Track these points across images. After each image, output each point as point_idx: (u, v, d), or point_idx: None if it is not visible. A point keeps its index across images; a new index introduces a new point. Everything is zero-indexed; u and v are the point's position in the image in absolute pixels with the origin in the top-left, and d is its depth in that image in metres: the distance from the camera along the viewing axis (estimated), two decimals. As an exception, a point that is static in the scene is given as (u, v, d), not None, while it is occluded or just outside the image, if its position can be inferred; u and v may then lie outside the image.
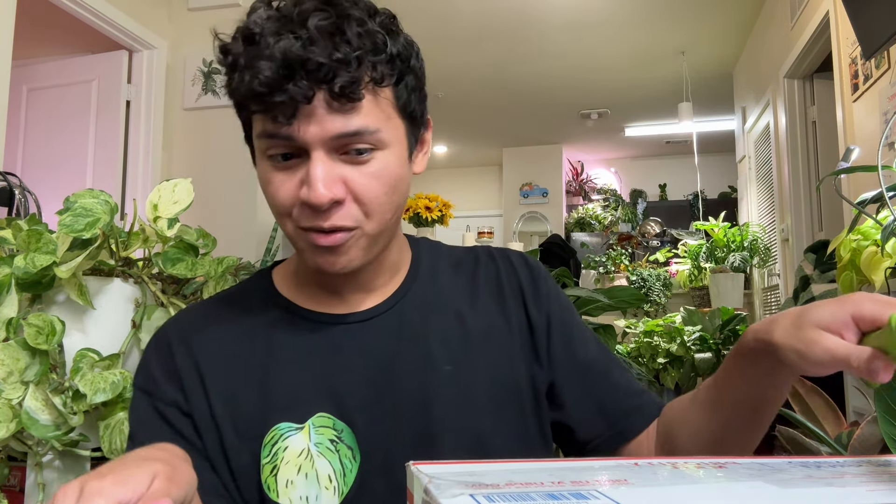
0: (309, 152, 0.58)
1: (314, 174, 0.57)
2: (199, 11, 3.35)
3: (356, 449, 0.63)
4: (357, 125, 0.57)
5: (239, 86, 0.57)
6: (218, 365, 0.65)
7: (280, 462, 0.62)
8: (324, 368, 0.65)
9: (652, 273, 5.01)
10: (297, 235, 0.62)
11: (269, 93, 0.55)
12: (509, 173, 7.51)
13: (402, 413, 0.64)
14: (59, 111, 3.25)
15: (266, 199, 0.62)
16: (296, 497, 0.61)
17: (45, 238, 0.87)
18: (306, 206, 0.58)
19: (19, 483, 0.93)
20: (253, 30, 0.57)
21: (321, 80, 0.54)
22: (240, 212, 3.18)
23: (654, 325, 3.15)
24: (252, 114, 0.60)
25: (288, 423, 0.63)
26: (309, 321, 0.68)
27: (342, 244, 0.60)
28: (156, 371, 0.66)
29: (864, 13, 2.14)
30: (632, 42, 4.62)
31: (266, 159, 0.61)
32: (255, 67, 0.55)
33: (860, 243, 1.46)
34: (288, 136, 0.57)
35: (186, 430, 0.64)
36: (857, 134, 2.63)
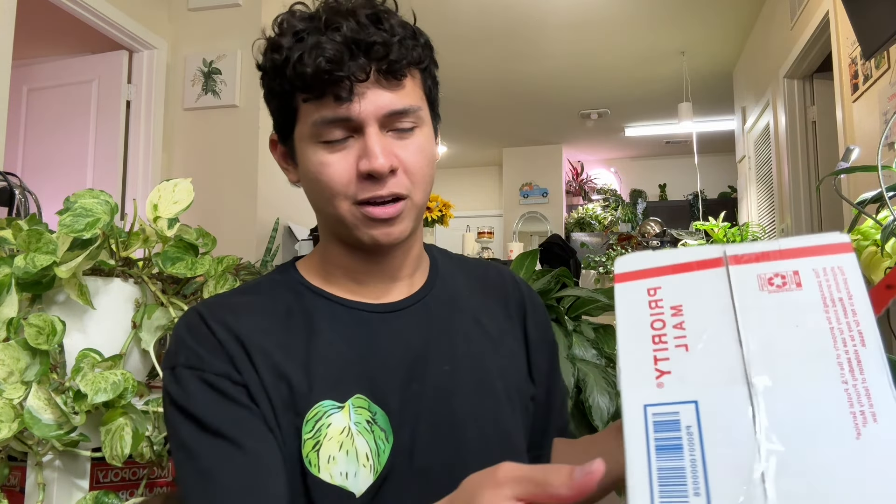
0: (363, 129, 0.64)
1: (373, 146, 0.64)
2: (199, 11, 3.35)
3: (389, 431, 0.66)
4: (405, 103, 0.66)
5: (300, 70, 0.62)
6: (261, 342, 0.66)
7: (323, 438, 0.64)
8: (361, 353, 0.68)
9: (652, 273, 5.00)
10: (353, 213, 0.66)
11: (333, 70, 0.61)
12: (509, 173, 7.50)
13: (430, 400, 0.68)
14: (59, 111, 3.25)
15: (318, 185, 0.66)
16: (336, 473, 0.63)
17: (46, 238, 0.87)
18: (366, 179, 0.65)
19: (19, 483, 0.93)
20: (300, 25, 0.64)
21: (375, 57, 0.63)
22: (240, 212, 3.18)
23: (654, 325, 3.15)
24: (307, 101, 0.64)
25: (331, 401, 0.65)
26: (346, 307, 0.71)
27: (397, 215, 0.67)
28: (198, 347, 0.65)
29: (863, 13, 2.14)
30: (632, 42, 4.62)
31: (318, 145, 0.66)
32: (320, 48, 0.61)
33: (860, 243, 1.46)
34: (346, 116, 0.63)
35: (241, 397, 0.63)
36: (857, 134, 2.63)
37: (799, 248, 0.37)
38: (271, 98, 0.68)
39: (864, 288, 0.34)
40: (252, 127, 3.23)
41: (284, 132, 0.70)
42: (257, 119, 3.23)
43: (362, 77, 0.63)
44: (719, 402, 0.32)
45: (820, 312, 0.34)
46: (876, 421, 0.30)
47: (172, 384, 0.64)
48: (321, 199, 0.68)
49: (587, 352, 1.68)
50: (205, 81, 3.28)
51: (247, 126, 3.24)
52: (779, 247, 0.37)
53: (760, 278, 0.36)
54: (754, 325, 0.34)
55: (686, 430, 0.31)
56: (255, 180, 3.21)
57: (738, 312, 0.35)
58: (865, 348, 0.32)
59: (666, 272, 0.38)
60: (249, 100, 3.25)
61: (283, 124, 0.69)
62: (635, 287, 0.38)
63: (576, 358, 1.64)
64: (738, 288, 0.36)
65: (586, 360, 1.65)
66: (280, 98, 0.67)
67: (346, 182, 0.65)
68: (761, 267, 0.36)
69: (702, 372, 0.33)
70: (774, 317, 0.34)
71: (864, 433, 0.29)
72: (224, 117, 3.27)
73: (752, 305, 0.35)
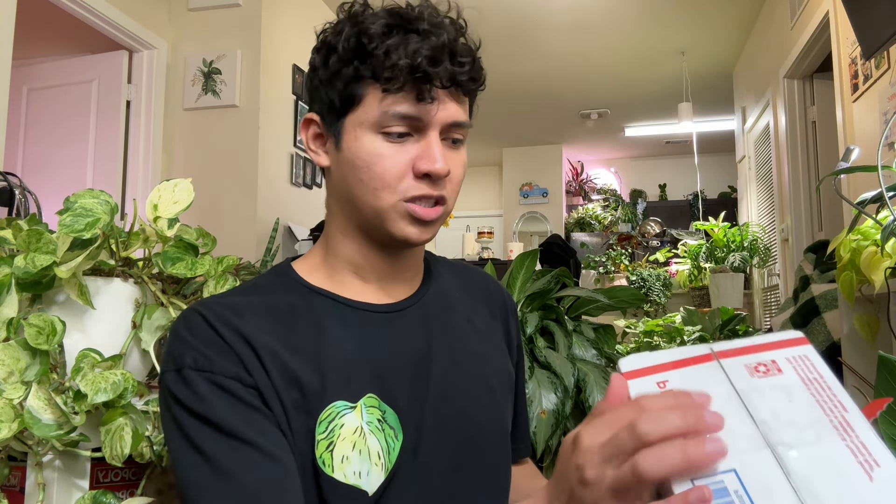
0: (426, 131, 0.68)
1: (436, 150, 0.67)
2: (199, 11, 3.35)
3: (398, 429, 0.67)
4: (464, 117, 0.70)
5: (394, 61, 0.64)
6: (268, 343, 0.65)
7: (336, 438, 0.64)
8: (370, 353, 0.69)
9: (652, 273, 5.01)
10: (397, 208, 0.68)
11: (427, 70, 0.65)
12: (509, 173, 7.50)
13: (434, 397, 0.70)
14: (59, 111, 3.25)
15: (367, 173, 0.67)
16: (350, 472, 0.64)
17: (46, 238, 0.87)
18: (422, 178, 0.67)
19: (19, 483, 0.93)
20: (389, 20, 0.67)
21: (460, 69, 0.67)
22: (240, 212, 3.18)
23: (654, 325, 3.15)
24: (387, 91, 0.66)
25: (343, 401, 0.65)
26: (352, 308, 0.71)
27: (436, 218, 0.70)
28: (206, 349, 0.63)
29: (863, 13, 2.14)
30: (632, 42, 4.62)
31: (379, 135, 0.67)
32: (419, 45, 0.65)
33: (860, 243, 1.46)
34: (419, 116, 0.67)
35: (254, 400, 0.62)
36: (857, 134, 2.63)
37: (769, 342, 0.45)
38: (334, 78, 0.68)
39: (829, 368, 0.43)
40: (252, 127, 3.23)
41: (333, 115, 0.70)
42: (257, 119, 3.23)
43: (447, 84, 0.67)
44: (754, 467, 0.38)
45: (803, 389, 0.42)
46: (879, 466, 0.37)
47: (180, 387, 0.62)
48: (365, 187, 0.68)
49: (587, 352, 1.68)
50: (205, 81, 3.28)
51: (247, 126, 3.24)
52: (752, 343, 0.45)
53: (748, 367, 0.44)
54: (757, 403, 0.41)
55: (735, 494, 0.37)
56: (255, 180, 3.21)
57: (741, 394, 0.42)
58: (848, 413, 0.40)
59: (668, 368, 0.45)
60: (249, 100, 3.25)
61: (339, 107, 0.69)
62: (646, 382, 0.44)
63: (576, 358, 1.64)
64: (734, 375, 0.43)
65: (586, 360, 1.65)
66: (347, 80, 0.68)
67: (399, 177, 0.67)
68: (745, 359, 0.44)
69: (730, 444, 0.39)
70: (770, 395, 0.42)
71: (874, 477, 0.37)
72: (224, 117, 3.27)
73: (750, 388, 0.42)
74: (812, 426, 0.40)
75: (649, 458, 0.37)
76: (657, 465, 0.37)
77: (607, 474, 0.39)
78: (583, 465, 0.40)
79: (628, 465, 0.38)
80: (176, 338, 0.65)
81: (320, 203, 3.86)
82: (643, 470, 0.37)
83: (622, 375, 0.45)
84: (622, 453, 0.39)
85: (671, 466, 0.37)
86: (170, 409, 0.62)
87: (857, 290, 1.50)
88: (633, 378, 0.45)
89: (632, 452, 0.38)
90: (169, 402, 0.63)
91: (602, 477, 0.39)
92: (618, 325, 3.36)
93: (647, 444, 0.38)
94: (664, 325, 3.14)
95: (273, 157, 3.37)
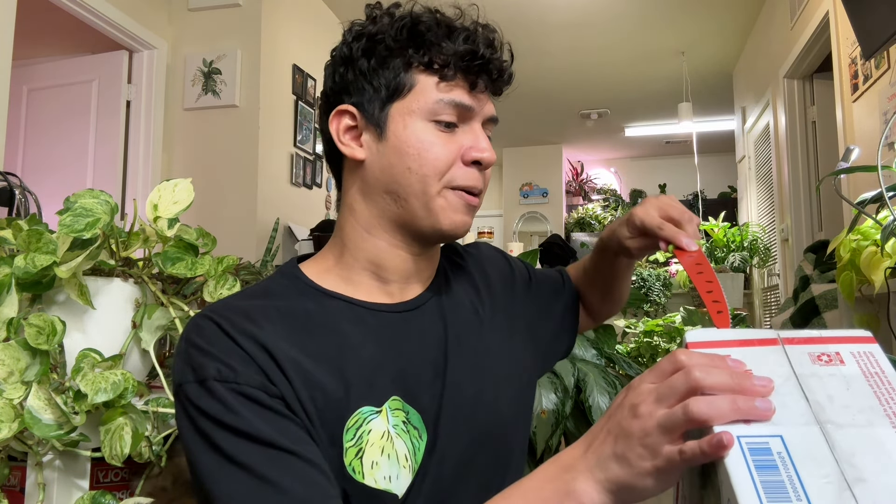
0: (472, 122, 0.71)
1: (483, 140, 0.70)
2: (199, 11, 3.35)
3: (422, 428, 0.67)
4: (496, 114, 0.74)
5: (454, 47, 0.67)
6: (289, 353, 0.63)
7: (365, 445, 0.64)
8: (390, 354, 0.68)
9: (652, 273, 5.01)
10: (442, 195, 0.69)
11: (486, 57, 0.68)
12: (509, 173, 7.50)
13: (451, 394, 0.70)
14: (59, 111, 3.25)
15: (417, 161, 0.68)
16: (380, 477, 0.64)
17: (46, 238, 0.87)
18: (472, 166, 0.70)
19: (19, 483, 0.93)
20: (434, 14, 0.70)
21: (506, 62, 0.72)
22: (240, 212, 3.18)
23: (654, 325, 3.15)
24: (443, 78, 0.68)
25: (369, 406, 0.65)
26: (368, 310, 0.70)
27: (477, 206, 0.72)
28: (227, 359, 0.61)
29: (863, 13, 2.14)
30: (632, 42, 4.62)
31: (430, 123, 0.69)
32: (478, 33, 0.69)
33: (860, 243, 1.46)
34: (472, 105, 0.69)
35: (282, 409, 0.60)
36: (857, 134, 2.63)
37: (836, 336, 0.47)
38: (382, 67, 0.69)
39: (892, 367, 0.44)
40: (252, 127, 3.23)
41: (376, 104, 0.69)
42: (257, 119, 3.23)
43: (496, 75, 0.71)
44: (801, 437, 0.40)
45: (863, 380, 0.44)
46: None
47: (206, 399, 0.59)
48: (413, 175, 0.68)
49: (587, 352, 1.68)
50: (205, 81, 3.28)
51: (247, 126, 3.24)
52: (819, 335, 0.47)
53: (811, 355, 0.46)
54: (815, 387, 0.43)
55: (778, 455, 0.39)
56: (255, 180, 3.21)
57: (799, 377, 0.44)
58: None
59: (732, 345, 0.47)
60: (249, 100, 3.25)
61: (385, 96, 0.69)
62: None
63: (576, 358, 1.64)
64: (795, 360, 0.45)
65: (586, 360, 1.65)
66: (397, 69, 0.68)
67: (448, 165, 0.69)
68: (810, 348, 0.46)
69: (780, 417, 0.41)
70: (829, 381, 0.44)
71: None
72: (224, 117, 3.27)
73: (810, 373, 0.44)
74: (865, 412, 0.41)
75: (701, 402, 0.41)
76: (707, 408, 0.41)
77: (659, 412, 0.43)
78: (637, 403, 0.44)
79: (681, 406, 0.42)
80: (192, 347, 0.63)
81: (320, 203, 3.86)
82: (694, 411, 0.41)
83: (686, 345, 0.47)
84: (675, 395, 0.43)
85: (719, 412, 0.40)
86: (194, 421, 0.59)
87: (857, 290, 1.50)
88: (696, 349, 0.46)
89: (684, 396, 0.42)
90: (193, 415, 0.60)
91: (654, 413, 0.43)
92: (618, 325, 3.36)
93: (699, 390, 0.42)
94: (664, 325, 3.14)
95: (273, 157, 3.37)
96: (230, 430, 0.58)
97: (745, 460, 0.39)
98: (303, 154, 3.66)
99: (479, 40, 0.69)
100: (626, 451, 0.44)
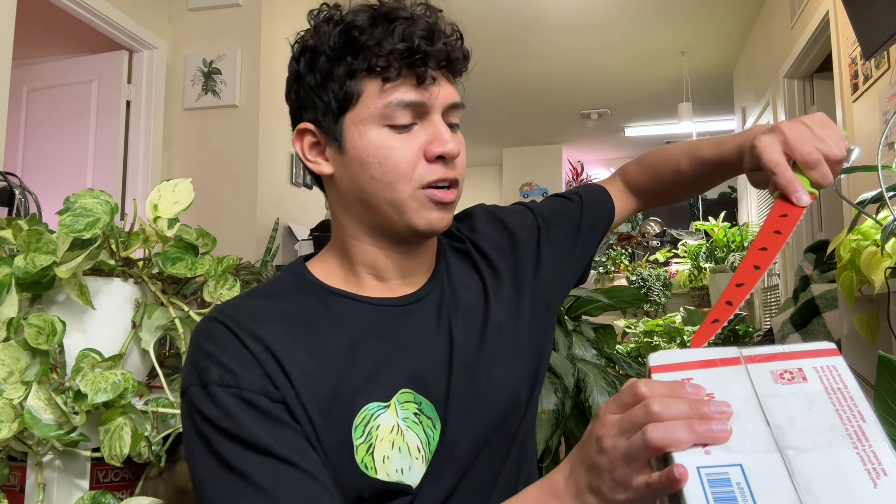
0: (429, 115, 0.68)
1: (444, 132, 0.68)
2: (199, 11, 3.35)
3: (435, 418, 0.68)
4: (459, 99, 0.71)
5: (388, 48, 0.65)
6: (293, 353, 0.63)
7: (375, 440, 0.64)
8: (396, 348, 0.69)
9: (652, 273, 5.01)
10: (414, 197, 0.68)
11: (424, 51, 0.65)
12: (509, 173, 7.50)
13: (461, 376, 0.70)
14: (59, 111, 3.25)
15: (380, 168, 0.67)
16: (392, 470, 0.64)
17: (46, 238, 0.87)
18: (436, 161, 0.68)
19: (19, 483, 0.93)
20: (369, 11, 0.67)
21: (449, 48, 0.68)
22: (240, 212, 3.18)
23: (654, 325, 3.15)
24: (387, 80, 0.66)
25: (375, 402, 0.65)
26: (372, 305, 0.71)
27: (452, 201, 0.70)
28: (231, 363, 0.61)
29: (863, 13, 2.14)
30: (632, 42, 4.62)
31: (384, 129, 0.67)
32: (408, 30, 0.65)
33: (860, 243, 1.46)
34: (422, 100, 0.66)
35: (282, 415, 0.61)
36: (857, 134, 2.63)
37: (799, 351, 0.46)
38: (326, 80, 0.67)
39: (856, 380, 0.44)
40: (252, 127, 3.23)
41: (330, 118, 0.68)
42: (257, 119, 3.23)
43: (444, 64, 0.67)
44: (760, 466, 0.40)
45: (825, 398, 0.43)
46: (886, 475, 0.38)
47: (207, 403, 0.60)
48: (378, 183, 0.67)
49: (587, 352, 1.68)
50: (205, 81, 3.28)
51: (247, 126, 3.24)
52: (782, 350, 0.47)
53: (773, 373, 0.45)
54: (776, 409, 0.43)
55: (737, 486, 0.39)
56: (254, 180, 3.21)
57: (761, 399, 0.44)
58: (866, 423, 0.41)
59: (694, 366, 0.47)
60: (249, 100, 3.25)
61: (336, 108, 0.68)
62: (671, 377, 0.46)
63: (576, 358, 1.64)
64: (757, 381, 0.45)
65: (586, 360, 1.65)
66: (341, 79, 0.67)
67: (412, 165, 0.67)
68: (772, 365, 0.46)
69: (740, 444, 0.41)
70: (790, 402, 0.43)
71: (879, 484, 0.38)
72: (224, 117, 3.27)
73: (771, 394, 0.44)
74: (826, 433, 0.41)
75: (659, 429, 0.42)
76: (665, 434, 0.41)
77: (621, 444, 0.44)
78: (601, 435, 0.45)
79: (640, 433, 0.42)
80: (198, 350, 0.63)
81: (320, 203, 3.86)
82: (651, 438, 0.41)
83: (650, 369, 0.47)
84: (635, 428, 0.43)
85: (676, 438, 0.41)
86: (196, 425, 0.60)
87: (857, 290, 1.50)
88: (658, 373, 0.47)
89: (643, 426, 0.43)
90: (195, 419, 0.61)
91: (617, 446, 0.44)
92: (618, 325, 3.36)
93: (657, 420, 0.42)
94: (664, 325, 3.14)
95: (273, 157, 3.37)
96: (228, 435, 0.58)
97: (704, 492, 0.39)
98: (303, 154, 3.66)
99: (417, 32, 0.65)
100: (599, 485, 0.45)
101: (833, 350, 0.46)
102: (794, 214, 0.62)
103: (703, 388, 0.44)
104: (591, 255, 0.90)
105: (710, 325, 0.54)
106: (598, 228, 0.90)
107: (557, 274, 0.84)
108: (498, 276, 0.80)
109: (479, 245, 0.82)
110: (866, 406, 0.42)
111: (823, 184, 0.65)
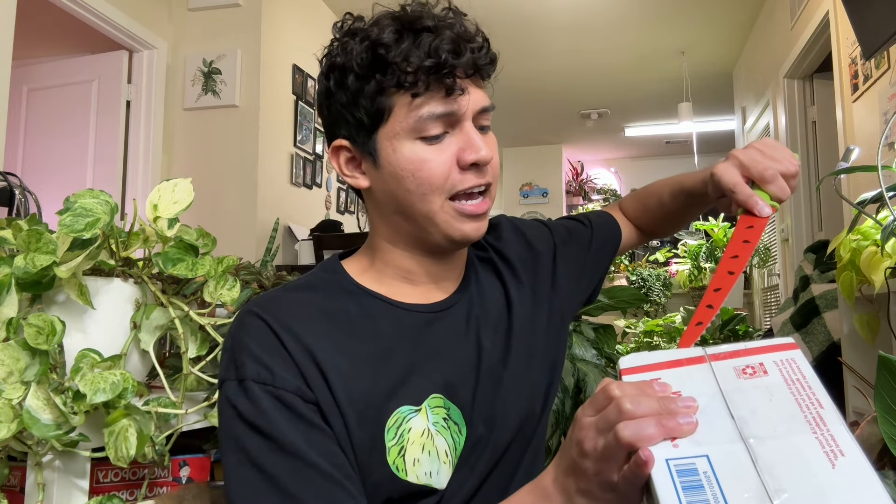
0: (460, 123, 0.68)
1: (476, 139, 0.68)
2: (199, 11, 3.35)
3: (462, 424, 0.69)
4: (489, 102, 0.71)
5: (415, 64, 0.65)
6: (331, 353, 0.64)
7: (406, 443, 0.65)
8: (429, 353, 0.70)
9: (652, 273, 5.01)
10: (446, 209, 0.69)
11: (451, 64, 0.65)
12: (509, 173, 7.50)
13: (486, 385, 0.72)
14: (59, 111, 3.25)
15: (414, 181, 0.68)
16: (422, 473, 0.66)
17: (45, 238, 0.87)
18: (468, 170, 0.68)
19: (19, 483, 0.93)
20: (395, 25, 0.67)
21: (476, 55, 0.68)
22: (240, 212, 3.18)
23: (654, 325, 3.15)
24: (416, 95, 0.66)
25: (407, 405, 0.66)
26: (405, 311, 0.72)
27: (485, 211, 0.71)
28: (268, 360, 0.62)
29: (863, 13, 2.14)
30: (632, 42, 4.62)
31: (417, 141, 0.68)
32: (434, 43, 0.65)
33: (860, 243, 1.46)
34: (452, 111, 0.67)
35: (314, 417, 0.61)
36: (857, 134, 2.63)
37: (759, 347, 0.49)
38: (357, 97, 0.68)
39: (813, 371, 0.47)
40: (252, 127, 3.23)
41: (363, 134, 0.69)
42: (257, 119, 3.23)
43: (471, 73, 0.68)
44: (725, 455, 0.42)
45: (785, 390, 0.46)
46: (844, 455, 0.41)
47: (241, 398, 0.61)
48: (413, 195, 0.68)
49: (587, 352, 1.68)
50: (205, 81, 3.28)
51: (247, 126, 3.24)
52: (743, 347, 0.49)
53: (736, 369, 0.48)
54: (739, 402, 0.45)
55: (704, 475, 0.41)
56: (255, 180, 3.21)
57: (725, 394, 0.46)
58: (824, 409, 0.44)
59: (662, 367, 0.49)
60: (249, 100, 3.26)
61: (368, 124, 0.68)
62: (641, 378, 0.48)
63: (576, 358, 1.64)
64: (721, 377, 0.48)
65: (586, 360, 1.65)
66: (371, 96, 0.67)
67: (445, 176, 0.68)
68: (735, 362, 0.48)
69: (706, 436, 0.44)
70: (753, 395, 0.46)
71: (837, 465, 0.40)
72: (224, 117, 3.27)
73: (735, 388, 0.46)
74: (787, 421, 0.44)
75: (630, 426, 0.44)
76: (636, 430, 0.43)
77: (600, 444, 0.46)
78: (581, 439, 0.47)
79: (612, 432, 0.44)
80: (237, 344, 0.64)
81: (320, 203, 3.86)
82: (623, 436, 0.43)
83: (620, 371, 0.50)
84: (610, 425, 0.45)
85: (646, 433, 0.43)
86: (230, 419, 0.61)
87: (857, 290, 1.50)
88: (629, 374, 0.49)
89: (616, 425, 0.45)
90: (229, 413, 0.61)
91: (596, 447, 0.46)
92: (618, 325, 3.36)
93: (629, 418, 0.44)
94: (664, 325, 3.14)
95: (273, 157, 3.37)
96: (259, 432, 0.60)
97: (673, 481, 0.41)
98: (303, 154, 3.66)
99: (443, 46, 0.65)
100: (588, 487, 0.47)
101: (791, 344, 0.49)
102: (759, 225, 0.66)
103: (669, 387, 0.47)
104: (600, 275, 0.93)
105: (694, 327, 0.56)
106: (606, 250, 0.93)
107: (570, 290, 0.87)
108: (520, 286, 0.81)
109: (504, 254, 0.84)
110: (824, 394, 0.45)
111: (783, 197, 0.69)
